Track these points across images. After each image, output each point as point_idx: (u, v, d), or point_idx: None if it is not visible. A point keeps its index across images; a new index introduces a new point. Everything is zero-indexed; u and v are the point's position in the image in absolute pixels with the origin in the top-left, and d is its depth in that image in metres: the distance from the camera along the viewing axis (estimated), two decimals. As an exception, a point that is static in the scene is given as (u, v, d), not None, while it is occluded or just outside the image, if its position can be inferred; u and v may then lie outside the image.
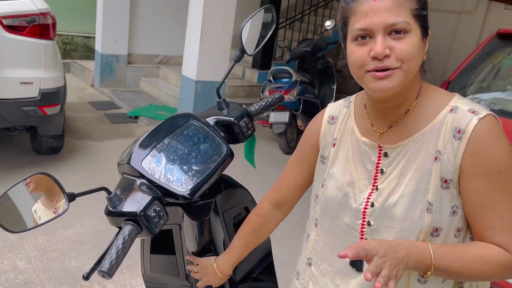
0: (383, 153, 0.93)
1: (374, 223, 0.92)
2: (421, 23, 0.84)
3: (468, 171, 0.84)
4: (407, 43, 0.82)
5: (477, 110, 0.85)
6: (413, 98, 0.91)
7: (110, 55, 6.27)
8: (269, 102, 1.38)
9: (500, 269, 0.84)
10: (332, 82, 5.26)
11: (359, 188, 0.95)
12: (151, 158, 1.14)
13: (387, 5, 0.81)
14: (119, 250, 0.98)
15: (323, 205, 1.03)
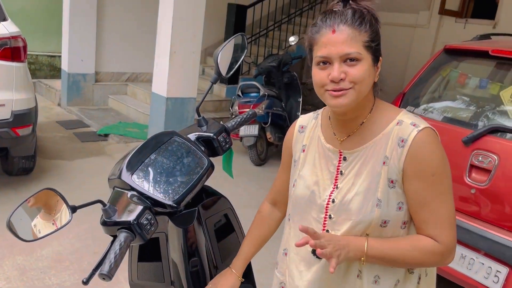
0: (342, 157, 1.11)
1: (334, 216, 1.10)
2: (372, 52, 1.03)
3: (409, 173, 1.03)
4: (358, 69, 1.00)
5: (417, 124, 1.04)
6: (367, 112, 1.10)
7: (77, 74, 6.28)
8: (243, 118, 1.53)
9: (431, 256, 1.03)
10: (298, 95, 5.48)
11: (323, 187, 1.13)
12: (140, 173, 1.26)
13: (342, 38, 1.00)
14: (117, 255, 1.09)
15: (294, 202, 1.21)
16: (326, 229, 1.12)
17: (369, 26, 1.02)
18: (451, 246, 1.05)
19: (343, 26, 1.00)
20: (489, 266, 2.21)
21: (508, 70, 2.49)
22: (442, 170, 1.03)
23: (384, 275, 1.10)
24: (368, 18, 1.03)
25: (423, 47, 7.08)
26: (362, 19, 1.01)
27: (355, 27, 1.00)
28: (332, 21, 1.02)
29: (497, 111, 2.38)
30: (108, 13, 6.39)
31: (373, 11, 1.05)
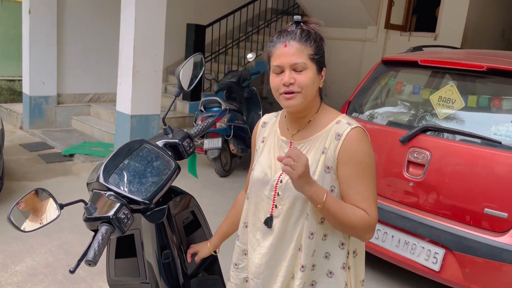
0: (292, 147, 1.37)
1: (281, 194, 1.35)
2: (316, 63, 1.29)
3: (341, 160, 1.29)
4: (305, 76, 1.28)
5: (351, 123, 1.31)
6: (313, 113, 1.37)
7: (39, 97, 6.31)
8: (204, 126, 1.76)
9: (363, 223, 1.27)
10: (258, 108, 5.76)
11: (275, 170, 1.38)
12: (116, 176, 1.46)
13: (292, 51, 1.27)
14: (99, 244, 1.28)
15: (251, 183, 1.46)
16: (275, 204, 1.37)
17: (313, 43, 1.28)
18: (375, 221, 1.29)
19: (293, 42, 1.27)
20: (429, 249, 2.51)
21: (434, 77, 2.85)
22: (368, 160, 1.29)
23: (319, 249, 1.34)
24: (313, 36, 1.29)
25: (372, 59, 7.56)
26: (308, 37, 1.28)
27: (302, 42, 1.27)
28: (284, 38, 1.29)
29: (427, 113, 2.72)
30: (69, 35, 6.49)
31: (319, 31, 1.32)
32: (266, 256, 1.40)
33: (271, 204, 1.38)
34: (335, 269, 1.38)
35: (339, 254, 1.37)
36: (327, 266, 1.38)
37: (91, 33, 6.69)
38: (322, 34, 1.33)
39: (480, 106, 2.51)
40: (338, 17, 7.76)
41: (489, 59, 2.59)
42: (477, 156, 2.37)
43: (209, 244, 1.67)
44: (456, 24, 6.61)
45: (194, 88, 6.73)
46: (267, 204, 1.39)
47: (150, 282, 1.68)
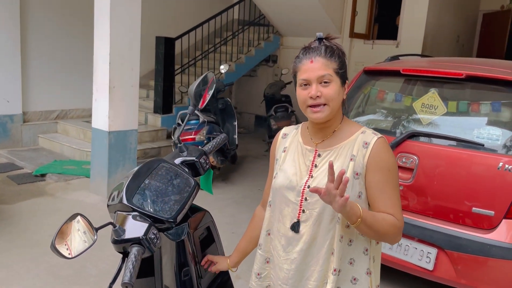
0: (317, 154, 1.44)
1: (309, 199, 1.40)
2: (340, 77, 1.37)
3: (370, 167, 1.36)
4: (330, 89, 1.35)
5: (376, 134, 1.40)
6: (338, 123, 1.44)
7: (4, 116, 6.06)
8: (217, 142, 1.79)
9: (394, 228, 1.34)
10: (233, 118, 5.80)
11: (300, 176, 1.44)
12: (139, 196, 1.46)
13: (318, 65, 1.35)
14: (134, 266, 1.28)
15: (275, 190, 1.50)
16: (302, 209, 1.41)
17: (337, 58, 1.37)
18: (403, 224, 1.37)
19: (319, 58, 1.35)
20: (422, 249, 2.63)
21: (415, 84, 3.00)
22: (394, 168, 1.38)
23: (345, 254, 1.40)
24: (336, 52, 1.37)
25: (339, 67, 7.79)
26: (332, 52, 1.36)
27: (327, 58, 1.35)
28: (310, 54, 1.37)
29: (411, 119, 2.86)
30: (33, 52, 6.29)
31: (340, 47, 1.40)
32: (295, 261, 1.44)
33: (297, 209, 1.43)
34: (360, 275, 1.43)
35: (364, 260, 1.43)
36: (352, 273, 1.42)
37: (56, 48, 6.52)
38: (343, 50, 1.42)
39: (460, 111, 2.67)
40: (304, 27, 7.96)
41: (467, 67, 2.76)
42: (463, 158, 2.52)
43: (228, 261, 1.70)
44: (416, 31, 6.95)
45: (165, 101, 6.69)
46: (293, 210, 1.44)
47: (165, 300, 1.68)
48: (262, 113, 7.81)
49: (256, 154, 6.94)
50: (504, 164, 2.38)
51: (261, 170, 6.02)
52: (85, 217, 1.24)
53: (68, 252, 1.18)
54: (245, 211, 4.44)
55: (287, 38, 8.49)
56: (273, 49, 8.51)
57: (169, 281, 1.63)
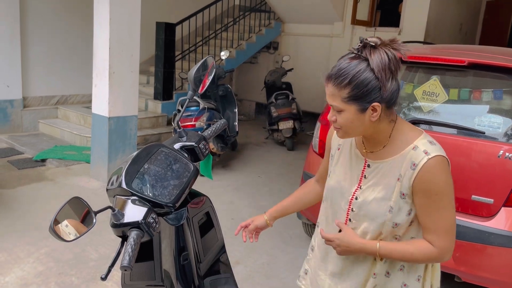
0: (367, 165, 1.40)
1: (356, 210, 1.40)
2: (356, 102, 1.25)
3: (417, 190, 1.28)
4: (341, 117, 1.29)
5: (429, 152, 1.26)
6: (385, 139, 1.34)
7: (4, 101, 6.05)
8: (217, 128, 1.78)
9: (426, 256, 1.31)
10: (234, 105, 5.78)
11: (350, 183, 1.43)
12: (138, 180, 1.46)
13: (329, 92, 1.29)
14: (133, 249, 1.29)
15: (327, 189, 1.52)
16: (349, 217, 1.42)
17: (348, 83, 1.23)
18: (445, 250, 1.30)
19: (330, 84, 1.28)
20: (420, 236, 2.63)
21: (417, 72, 2.98)
22: (443, 190, 1.27)
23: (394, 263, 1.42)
24: (349, 76, 1.23)
25: (340, 54, 7.55)
26: (343, 79, 1.23)
27: (336, 85, 1.25)
28: (328, 76, 1.29)
29: (412, 107, 2.84)
30: (33, 37, 6.24)
31: (381, 60, 1.21)
32: (342, 260, 1.48)
33: (344, 216, 1.44)
34: (410, 282, 1.43)
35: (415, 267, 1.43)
36: (402, 279, 1.43)
37: (56, 33, 6.47)
38: (385, 63, 1.22)
39: (461, 99, 2.65)
40: (305, 13, 7.89)
41: (469, 54, 2.74)
42: (463, 146, 2.51)
43: (266, 216, 1.71)
44: (419, 19, 6.89)
45: (166, 87, 6.67)
46: (341, 215, 1.45)
47: (165, 285, 1.69)
48: (263, 100, 7.78)
49: (256, 141, 6.94)
50: (505, 152, 2.37)
51: (261, 158, 6.02)
52: (83, 201, 1.24)
53: (66, 236, 1.18)
54: (245, 197, 4.45)
55: (289, 24, 8.42)
56: (274, 35, 8.45)
57: (169, 265, 1.64)
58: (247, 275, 3.08)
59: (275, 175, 5.27)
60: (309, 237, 3.65)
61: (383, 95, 1.24)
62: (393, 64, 1.23)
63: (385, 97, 1.25)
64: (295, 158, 6.07)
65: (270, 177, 5.16)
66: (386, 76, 1.23)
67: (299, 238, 3.69)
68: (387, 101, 1.26)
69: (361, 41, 1.25)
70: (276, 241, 3.60)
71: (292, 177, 5.12)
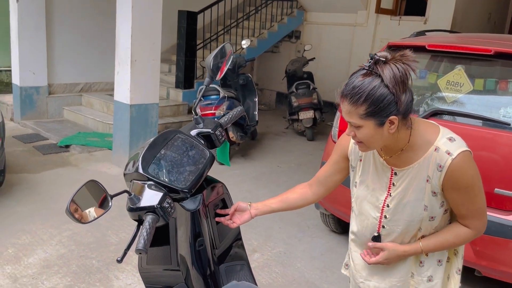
0: (394, 173, 1.43)
1: (389, 217, 1.45)
2: (374, 117, 1.25)
3: (447, 188, 1.34)
4: (360, 133, 1.31)
5: (451, 152, 1.30)
6: (403, 144, 1.36)
7: (30, 87, 6.19)
8: (234, 115, 1.78)
9: (466, 239, 1.41)
10: (254, 95, 5.77)
11: (379, 192, 1.46)
12: (154, 165, 1.47)
13: (344, 110, 1.30)
14: (148, 233, 1.30)
15: (356, 199, 1.54)
16: (382, 224, 1.47)
17: (364, 100, 1.23)
18: (481, 228, 1.40)
19: (345, 101, 1.28)
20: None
21: (441, 61, 2.90)
22: (472, 182, 1.33)
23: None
24: (365, 94, 1.23)
25: (363, 43, 7.62)
26: (359, 97, 1.24)
27: (352, 104, 1.26)
28: (340, 93, 1.29)
29: (435, 97, 2.78)
30: (58, 24, 6.35)
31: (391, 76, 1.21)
32: (373, 269, 1.56)
33: (377, 224, 1.48)
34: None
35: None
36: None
37: (80, 21, 6.56)
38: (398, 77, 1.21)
39: (487, 89, 2.58)
40: (329, 2, 7.77)
41: (496, 43, 2.65)
42: (487, 138, 2.44)
43: (249, 205, 1.67)
44: (446, 8, 6.70)
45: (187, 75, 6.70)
46: (372, 223, 1.49)
47: (181, 270, 1.70)
48: (284, 90, 7.74)
49: (276, 131, 6.92)
50: (531, 144, 2.30)
51: (280, 147, 6.01)
52: (100, 184, 1.26)
53: (82, 218, 1.20)
54: (262, 186, 4.45)
55: (311, 13, 8.32)
56: (297, 24, 8.36)
57: (184, 251, 1.65)
58: (263, 263, 3.09)
59: (294, 165, 5.25)
60: (326, 227, 3.64)
61: (399, 108, 1.25)
62: (405, 77, 1.24)
63: (401, 110, 1.26)
64: (315, 148, 6.03)
65: (289, 167, 5.15)
66: (401, 89, 1.24)
67: (316, 228, 3.68)
68: (403, 113, 1.28)
69: (371, 57, 1.26)
70: (293, 231, 3.60)
71: (311, 167, 5.09)
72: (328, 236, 3.56)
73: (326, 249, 3.35)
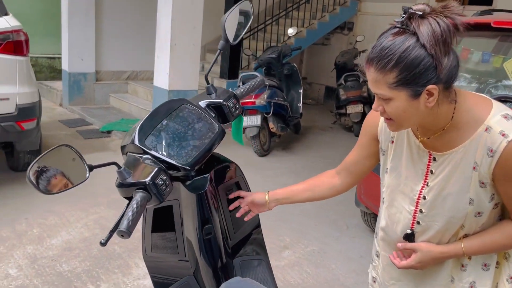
0: (432, 158, 1.15)
1: (425, 211, 1.18)
2: (406, 89, 1.00)
3: (498, 177, 1.07)
4: (391, 107, 1.04)
5: (506, 133, 1.03)
6: (444, 122, 1.08)
7: (78, 73, 6.30)
8: (252, 85, 1.55)
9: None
10: (299, 86, 5.50)
11: (413, 181, 1.19)
12: (153, 137, 1.27)
13: (371, 78, 1.04)
14: (134, 213, 1.10)
15: (386, 187, 1.27)
16: (416, 220, 1.20)
17: (394, 65, 0.98)
18: None
19: (371, 68, 1.02)
20: None
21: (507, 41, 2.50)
22: None
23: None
24: (395, 56, 0.98)
25: (421, 36, 7.09)
26: (388, 59, 0.99)
27: (379, 69, 1.01)
28: (366, 57, 1.04)
29: (500, 83, 2.39)
30: (107, 12, 6.41)
31: (434, 31, 0.96)
32: (405, 273, 1.28)
33: (411, 219, 1.21)
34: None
35: None
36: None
37: (129, 9, 6.59)
38: (438, 35, 0.96)
39: None
40: (385, -9, 7.32)
41: None
42: None
43: (267, 196, 1.43)
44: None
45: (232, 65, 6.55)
46: (405, 217, 1.22)
47: (189, 260, 1.50)
48: (334, 84, 7.39)
49: (322, 126, 6.60)
50: None
51: (325, 143, 5.70)
52: (75, 150, 1.07)
53: (49, 187, 1.02)
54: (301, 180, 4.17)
55: (366, 3, 7.88)
56: (350, 15, 7.95)
57: (192, 239, 1.45)
58: (294, 261, 2.84)
59: (338, 161, 4.84)
60: (367, 227, 3.31)
61: (440, 75, 0.99)
62: (447, 35, 0.98)
63: (442, 77, 1.00)
64: (362, 144, 5.65)
65: (332, 163, 4.82)
66: (442, 51, 0.98)
67: (356, 227, 3.37)
68: (445, 81, 1.01)
69: (405, 11, 1.00)
70: (330, 229, 3.31)
71: (357, 163, 4.75)
72: (369, 237, 3.24)
73: (366, 251, 3.04)
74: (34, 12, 7.25)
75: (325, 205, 3.61)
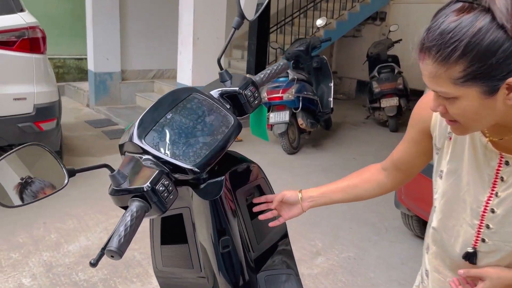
0: (504, 161, 0.89)
1: (494, 227, 0.93)
2: (478, 84, 0.75)
3: None
4: (457, 107, 0.79)
5: None
6: None
7: (104, 73, 6.23)
8: (274, 70, 1.31)
9: None
10: (329, 79, 5.22)
11: (477, 189, 0.93)
12: (155, 134, 1.06)
13: (427, 73, 0.78)
14: (127, 228, 0.90)
15: (441, 196, 1.01)
16: (481, 237, 0.95)
17: (462, 54, 0.73)
18: None
19: (427, 59, 0.77)
20: None
21: None
22: None
23: None
24: (463, 43, 0.73)
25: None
26: (452, 47, 0.73)
27: (439, 61, 0.75)
28: (419, 45, 0.79)
29: None
30: (131, 10, 6.32)
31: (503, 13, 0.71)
32: None
33: (474, 235, 0.95)
34: None
35: None
36: None
37: (153, 7, 6.47)
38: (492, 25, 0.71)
39: None
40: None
41: None
42: None
43: (301, 193, 1.22)
44: None
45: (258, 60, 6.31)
46: (466, 232, 0.97)
47: (207, 276, 1.28)
48: (366, 78, 7.04)
49: (355, 121, 6.29)
50: None
51: (358, 139, 5.39)
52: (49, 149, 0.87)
53: (15, 198, 0.83)
54: (333, 179, 3.88)
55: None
56: (382, 4, 7.57)
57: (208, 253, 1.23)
58: (328, 269, 2.59)
59: (372, 158, 4.62)
60: (408, 231, 3.02)
61: None
62: None
63: None
64: (398, 140, 5.20)
65: (366, 160, 4.53)
66: None
67: (397, 231, 3.08)
68: None
69: None
70: (367, 233, 3.04)
71: (393, 160, 4.44)
72: (411, 242, 2.94)
73: (408, 257, 2.75)
74: (60, 13, 7.27)
75: (360, 206, 3.34)
